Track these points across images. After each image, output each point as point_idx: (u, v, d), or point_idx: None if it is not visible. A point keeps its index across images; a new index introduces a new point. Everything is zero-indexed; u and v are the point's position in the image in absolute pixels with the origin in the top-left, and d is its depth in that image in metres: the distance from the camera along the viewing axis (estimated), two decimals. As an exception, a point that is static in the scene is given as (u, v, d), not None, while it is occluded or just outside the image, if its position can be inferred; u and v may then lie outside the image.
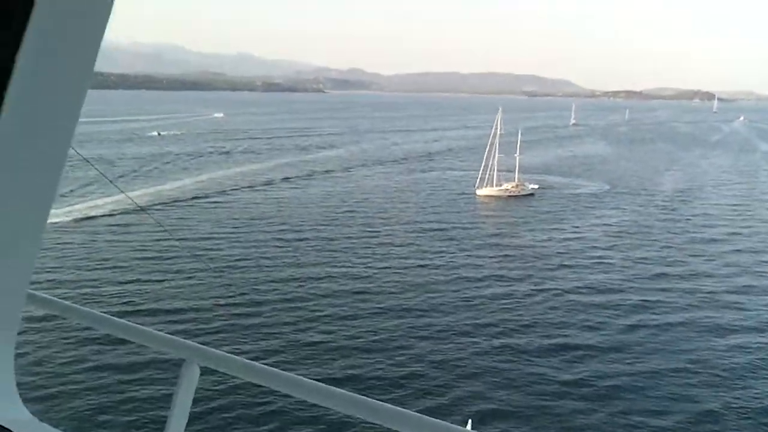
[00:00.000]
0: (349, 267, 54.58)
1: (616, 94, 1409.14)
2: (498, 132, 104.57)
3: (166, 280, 49.23)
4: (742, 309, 46.37)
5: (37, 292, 2.97)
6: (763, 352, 38.03)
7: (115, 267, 52.55)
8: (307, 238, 65.02)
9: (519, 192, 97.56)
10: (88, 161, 48.90)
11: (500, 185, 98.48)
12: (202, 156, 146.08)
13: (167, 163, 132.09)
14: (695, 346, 38.75)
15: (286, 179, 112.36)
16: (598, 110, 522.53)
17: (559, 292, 49.90)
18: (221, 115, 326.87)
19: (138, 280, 49.00)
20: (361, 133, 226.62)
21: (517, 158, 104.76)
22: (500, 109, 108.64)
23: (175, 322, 39.81)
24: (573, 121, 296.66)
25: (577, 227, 77.05)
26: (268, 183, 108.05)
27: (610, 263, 59.85)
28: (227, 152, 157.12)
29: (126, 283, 48.54)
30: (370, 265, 55.44)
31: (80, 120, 2.21)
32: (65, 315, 3.16)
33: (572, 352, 37.41)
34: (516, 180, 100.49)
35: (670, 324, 42.59)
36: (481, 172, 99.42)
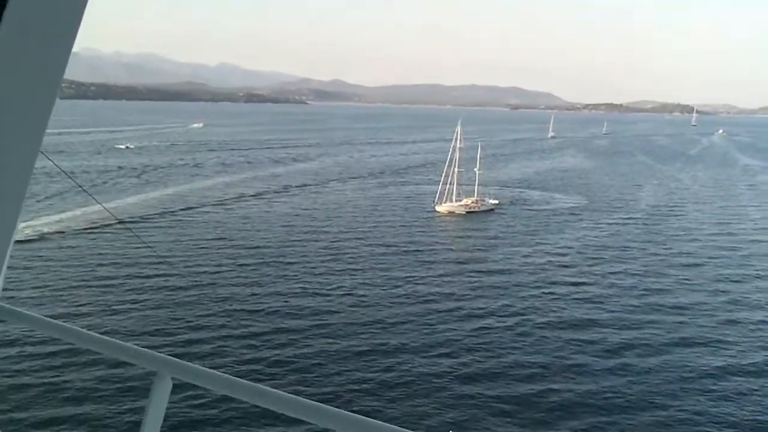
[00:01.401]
0: (305, 286, 54.27)
1: (596, 106, 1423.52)
2: (458, 146, 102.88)
3: (137, 293, 50.43)
4: (725, 343, 43.10)
5: (3, 304, 3.03)
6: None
7: (84, 280, 53.41)
8: (267, 256, 64.50)
9: (479, 207, 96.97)
10: (63, 171, 47.75)
11: (460, 200, 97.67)
12: (172, 168, 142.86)
13: (131, 176, 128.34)
14: (678, 387, 35.94)
15: (256, 195, 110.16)
16: (578, 123, 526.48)
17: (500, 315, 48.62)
18: (200, 125, 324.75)
19: (107, 293, 50.19)
20: (338, 146, 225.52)
21: (477, 173, 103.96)
22: (459, 121, 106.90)
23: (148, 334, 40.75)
24: (552, 134, 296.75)
25: (544, 245, 75.09)
26: (238, 198, 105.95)
27: (577, 286, 57.21)
28: (199, 164, 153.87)
29: (95, 296, 49.46)
30: (324, 285, 54.83)
31: (48, 130, 2.18)
32: (31, 326, 3.12)
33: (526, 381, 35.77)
34: (476, 195, 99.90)
35: (648, 365, 39.11)
36: (440, 187, 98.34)
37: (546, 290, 55.35)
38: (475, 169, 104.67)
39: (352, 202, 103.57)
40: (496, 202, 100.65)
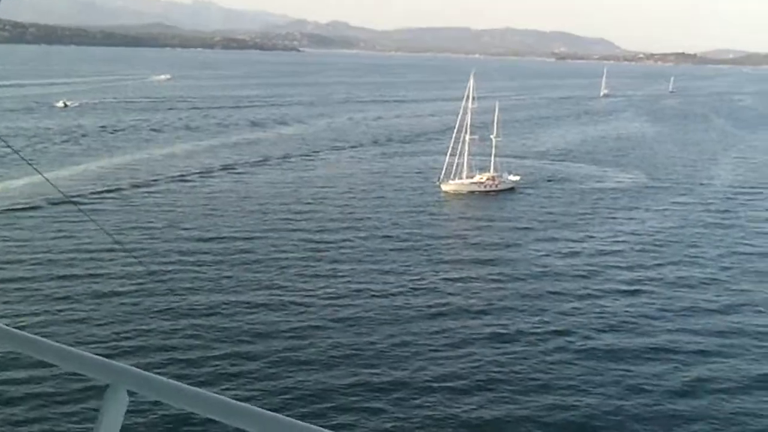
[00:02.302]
0: (281, 282, 56.06)
1: (663, 57, 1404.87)
2: (470, 106, 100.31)
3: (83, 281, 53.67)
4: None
5: None
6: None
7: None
8: (233, 248, 65.71)
9: (495, 186, 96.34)
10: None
11: (471, 177, 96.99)
12: (120, 133, 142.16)
13: (70, 141, 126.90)
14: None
15: (227, 167, 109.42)
16: (639, 77, 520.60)
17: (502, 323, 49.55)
18: (166, 77, 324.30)
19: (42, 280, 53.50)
20: (335, 105, 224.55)
21: (494, 140, 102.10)
22: (472, 74, 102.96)
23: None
24: (605, 91, 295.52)
25: (582, 240, 73.28)
26: (204, 171, 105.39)
27: (633, 296, 56.63)
28: (158, 128, 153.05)
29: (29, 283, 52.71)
30: (302, 282, 56.25)
31: None
32: None
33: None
34: (491, 170, 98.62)
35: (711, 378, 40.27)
36: (447, 160, 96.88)
37: (589, 303, 53.99)
38: (491, 136, 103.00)
39: (343, 179, 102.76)
40: (517, 178, 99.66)
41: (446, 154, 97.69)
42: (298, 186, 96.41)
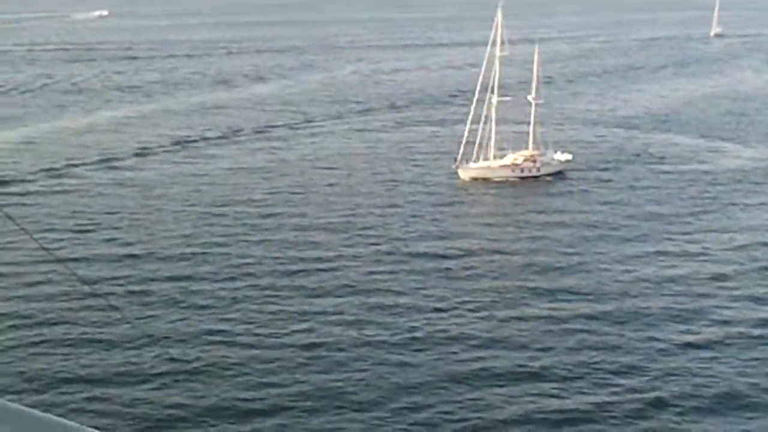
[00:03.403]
0: (244, 307, 58.87)
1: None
2: (497, 53, 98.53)
3: None
4: None
5: None
6: None
7: None
8: (175, 255, 68.85)
9: (536, 169, 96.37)
10: None
11: (501, 157, 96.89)
12: (24, 96, 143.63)
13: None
14: None
15: (177, 144, 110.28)
16: (765, 10, 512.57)
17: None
18: (100, 13, 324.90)
19: None
20: (336, 52, 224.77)
21: (533, 104, 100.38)
22: (500, 6, 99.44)
23: None
24: (717, 29, 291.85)
25: (674, 252, 72.53)
26: (142, 152, 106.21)
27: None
28: (78, 89, 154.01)
29: None
30: (264, 319, 58.01)
31: None
32: None
33: None
34: (530, 147, 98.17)
35: None
36: (466, 133, 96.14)
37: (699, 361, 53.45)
38: (529, 97, 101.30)
39: (331, 161, 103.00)
40: (568, 157, 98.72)
41: (466, 125, 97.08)
42: (273, 171, 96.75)
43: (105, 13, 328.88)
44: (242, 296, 59.64)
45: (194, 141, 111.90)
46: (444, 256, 69.49)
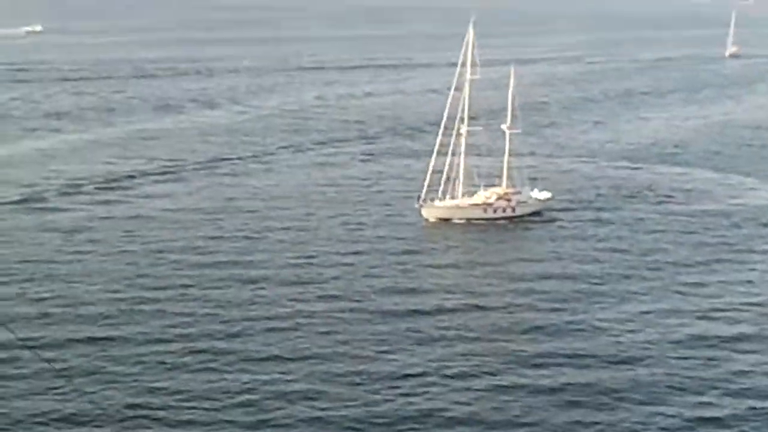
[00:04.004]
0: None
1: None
2: (467, 77, 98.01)
3: None
4: None
5: None
6: None
7: None
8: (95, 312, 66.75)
9: (510, 210, 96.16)
10: None
11: (470, 195, 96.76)
12: None
13: None
14: None
15: (114, 179, 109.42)
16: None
17: None
18: (32, 29, 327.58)
19: None
20: (298, 73, 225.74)
21: (507, 134, 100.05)
22: (471, 22, 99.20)
23: None
24: (732, 49, 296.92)
25: (677, 315, 70.77)
26: (75, 187, 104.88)
27: None
28: (3, 114, 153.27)
29: None
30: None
31: None
32: None
33: None
34: (504, 183, 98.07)
35: None
36: (431, 166, 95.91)
37: None
38: (504, 126, 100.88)
39: (285, 199, 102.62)
40: (546, 196, 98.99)
41: (431, 157, 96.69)
42: (218, 213, 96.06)
43: (38, 28, 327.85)
44: (175, 363, 57.94)
45: (129, 177, 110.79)
46: (409, 315, 68.44)
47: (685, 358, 60.33)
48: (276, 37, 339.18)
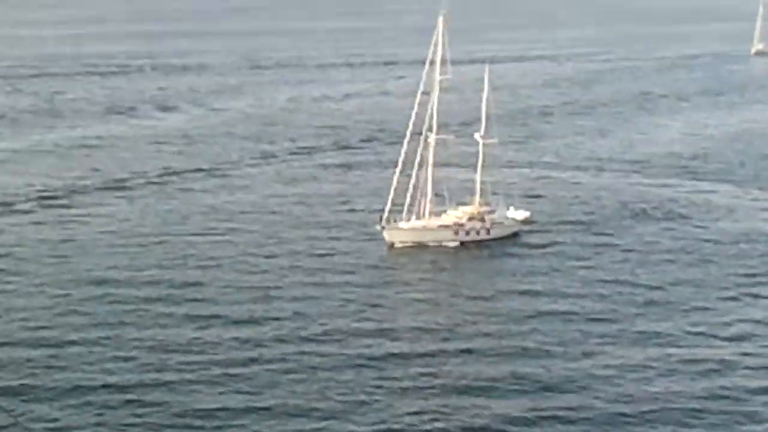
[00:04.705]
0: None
1: None
2: (436, 77, 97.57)
3: None
4: None
5: None
6: None
7: None
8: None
9: (484, 232, 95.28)
10: None
11: (438, 214, 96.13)
12: None
13: None
14: None
15: (49, 194, 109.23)
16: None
17: None
18: None
19: None
20: (269, 72, 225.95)
21: (481, 143, 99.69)
22: (441, 14, 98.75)
23: None
24: (758, 47, 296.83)
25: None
26: (4, 205, 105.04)
27: None
28: None
29: None
30: None
31: None
32: None
33: None
34: (477, 199, 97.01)
35: None
36: (395, 183, 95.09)
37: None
38: (477, 136, 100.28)
39: (233, 221, 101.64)
40: (525, 215, 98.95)
41: (395, 171, 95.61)
42: (163, 236, 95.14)
43: None
44: (103, 420, 56.28)
45: (68, 192, 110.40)
46: (374, 361, 66.55)
47: (698, 415, 58.67)
48: (246, 30, 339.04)
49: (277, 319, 73.51)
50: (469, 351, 68.19)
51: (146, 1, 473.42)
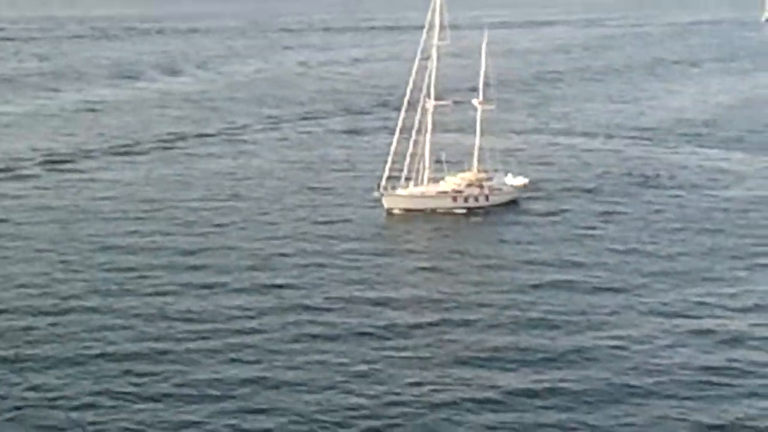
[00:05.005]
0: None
1: None
2: (434, 42, 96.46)
3: None
4: None
5: None
6: None
7: None
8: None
9: (483, 198, 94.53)
10: None
11: (436, 181, 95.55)
12: None
13: None
14: None
15: (52, 159, 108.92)
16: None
17: None
18: None
19: None
20: (280, 36, 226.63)
21: (480, 109, 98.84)
22: None
23: None
24: None
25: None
26: (6, 169, 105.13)
27: None
28: None
29: None
30: None
31: None
32: None
33: None
34: (474, 165, 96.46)
35: None
36: (393, 148, 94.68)
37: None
38: (475, 101, 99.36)
39: (243, 186, 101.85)
40: (523, 181, 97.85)
41: (393, 138, 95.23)
42: (168, 200, 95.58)
43: None
44: (102, 389, 55.48)
45: (72, 156, 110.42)
46: (374, 333, 65.46)
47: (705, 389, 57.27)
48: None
49: (278, 287, 72.61)
50: (470, 321, 67.11)
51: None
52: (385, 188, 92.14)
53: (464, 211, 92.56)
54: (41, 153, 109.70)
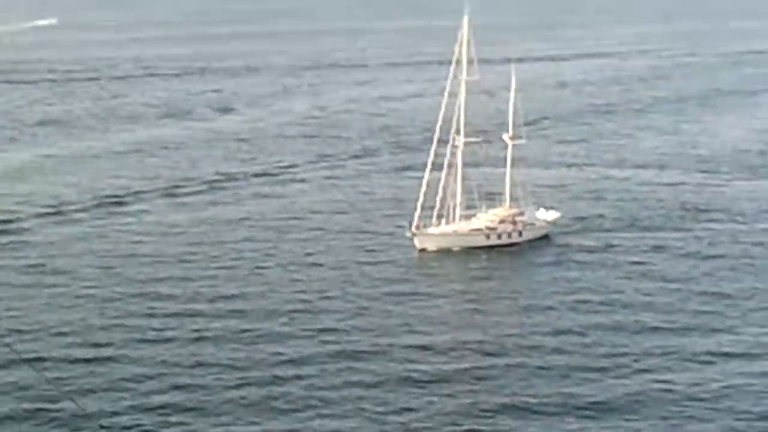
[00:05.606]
0: None
1: None
2: (463, 77, 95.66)
3: None
4: None
5: None
6: None
7: None
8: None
9: (517, 234, 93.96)
10: None
11: (469, 218, 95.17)
12: None
13: None
14: None
15: (100, 200, 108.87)
16: None
17: None
18: (47, 22, 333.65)
19: None
20: (334, 71, 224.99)
21: (510, 145, 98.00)
22: (466, 15, 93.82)
23: None
24: None
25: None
26: (55, 209, 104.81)
27: None
28: None
29: None
30: None
31: None
32: None
33: None
34: (507, 202, 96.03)
35: None
36: (424, 187, 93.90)
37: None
38: (505, 137, 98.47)
39: (277, 232, 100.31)
40: (556, 216, 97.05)
41: (423, 176, 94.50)
42: (211, 242, 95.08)
43: (53, 21, 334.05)
44: None
45: (117, 199, 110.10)
46: (410, 380, 64.39)
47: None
48: (308, 30, 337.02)
49: (317, 333, 72.14)
50: (515, 367, 66.09)
51: (206, 3, 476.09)
52: (417, 227, 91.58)
53: (497, 247, 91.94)
54: (88, 195, 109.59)
